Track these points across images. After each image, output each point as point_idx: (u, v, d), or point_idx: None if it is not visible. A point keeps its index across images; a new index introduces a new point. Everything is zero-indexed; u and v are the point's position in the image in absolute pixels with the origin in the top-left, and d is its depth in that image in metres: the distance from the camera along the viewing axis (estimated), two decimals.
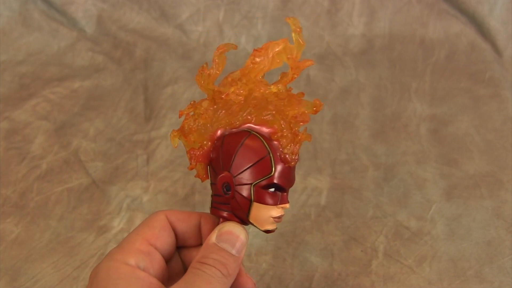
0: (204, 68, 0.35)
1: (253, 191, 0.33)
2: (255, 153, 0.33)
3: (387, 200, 0.59)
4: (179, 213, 0.36)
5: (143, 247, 0.34)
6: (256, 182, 0.33)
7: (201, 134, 0.35)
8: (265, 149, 0.33)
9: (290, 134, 0.34)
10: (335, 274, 0.51)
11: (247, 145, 0.34)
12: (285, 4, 0.89)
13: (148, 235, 0.34)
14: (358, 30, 0.88)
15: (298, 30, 0.35)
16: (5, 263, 0.52)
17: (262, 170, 0.33)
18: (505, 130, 0.68)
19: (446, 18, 0.87)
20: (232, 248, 0.33)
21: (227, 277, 0.32)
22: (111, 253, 0.33)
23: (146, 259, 0.33)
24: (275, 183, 0.33)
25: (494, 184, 0.60)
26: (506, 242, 0.53)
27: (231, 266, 0.32)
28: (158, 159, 0.65)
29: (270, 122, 0.34)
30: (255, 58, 0.34)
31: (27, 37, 0.88)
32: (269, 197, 0.33)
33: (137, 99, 0.76)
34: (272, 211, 0.33)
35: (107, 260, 0.33)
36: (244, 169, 0.33)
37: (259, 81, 0.35)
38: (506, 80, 0.78)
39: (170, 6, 0.89)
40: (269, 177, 0.33)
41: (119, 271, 0.32)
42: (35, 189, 0.61)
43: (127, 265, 0.32)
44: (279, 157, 0.33)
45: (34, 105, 0.74)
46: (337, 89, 0.77)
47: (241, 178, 0.33)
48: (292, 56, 0.35)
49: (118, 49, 0.86)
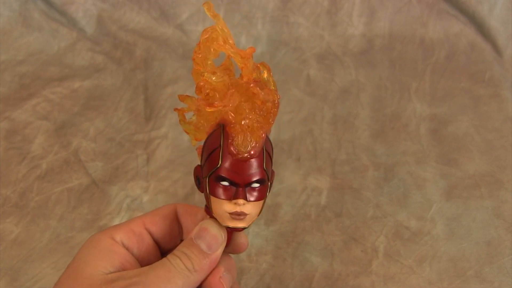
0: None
1: (208, 183, 0.33)
2: (211, 145, 0.33)
3: (387, 200, 0.59)
4: (188, 207, 0.37)
5: (136, 228, 0.35)
6: (209, 174, 0.32)
7: (201, 131, 0.35)
8: (218, 141, 0.32)
9: (239, 126, 0.32)
10: (335, 274, 0.51)
11: (210, 138, 0.33)
12: (285, 4, 0.89)
13: (146, 219, 0.36)
14: (358, 30, 0.88)
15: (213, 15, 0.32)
16: (5, 263, 0.52)
17: (213, 162, 0.32)
18: (505, 130, 0.68)
19: (446, 18, 0.87)
20: (205, 246, 0.33)
21: (191, 272, 0.32)
22: (107, 228, 0.35)
23: (134, 238, 0.35)
24: (221, 175, 0.32)
25: (494, 184, 0.60)
26: (506, 242, 0.53)
27: (198, 262, 0.32)
28: (158, 159, 0.65)
29: (232, 111, 0.32)
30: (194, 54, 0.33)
31: (27, 37, 0.88)
32: (221, 190, 0.32)
33: (137, 99, 0.76)
34: (225, 206, 0.32)
35: (98, 233, 0.35)
36: (204, 161, 0.33)
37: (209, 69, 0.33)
38: (506, 80, 0.78)
39: (170, 6, 0.89)
40: (216, 169, 0.32)
41: (100, 243, 0.33)
42: (35, 189, 0.61)
43: (110, 239, 0.34)
44: (227, 149, 0.32)
45: (34, 105, 0.74)
46: (337, 89, 0.77)
47: (204, 170, 0.33)
48: (219, 43, 0.32)
49: (118, 49, 0.86)
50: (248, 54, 0.32)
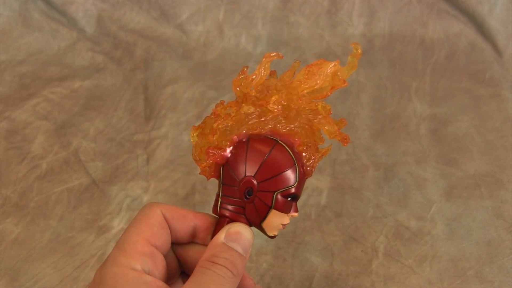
0: (244, 71, 0.36)
1: (275, 198, 0.34)
2: (282, 163, 0.35)
3: (387, 200, 0.59)
4: (174, 211, 0.36)
5: (145, 249, 0.33)
6: (279, 190, 0.34)
7: (225, 135, 0.35)
8: (291, 160, 0.35)
9: (313, 147, 0.36)
10: (335, 274, 0.51)
11: (275, 154, 0.35)
12: (285, 4, 0.89)
13: (148, 235, 0.34)
14: (358, 30, 0.88)
15: (358, 55, 0.36)
16: (5, 263, 0.52)
17: (287, 180, 0.34)
18: (505, 130, 0.68)
19: (446, 18, 0.87)
20: (241, 248, 0.33)
21: (236, 277, 0.32)
22: (114, 256, 0.32)
23: (150, 261, 0.33)
24: (295, 193, 0.34)
25: (494, 184, 0.60)
26: (506, 242, 0.53)
27: (240, 266, 0.33)
28: (158, 159, 0.65)
29: (297, 133, 0.36)
30: (308, 74, 0.36)
31: (27, 37, 0.88)
32: (286, 205, 0.35)
33: (137, 99, 0.76)
34: (284, 219, 0.35)
35: (112, 265, 0.32)
36: (270, 176, 0.34)
37: (301, 95, 0.36)
38: (506, 80, 0.78)
39: (170, 6, 0.89)
40: (293, 187, 0.34)
41: (127, 278, 0.31)
42: (35, 189, 0.61)
43: (134, 270, 0.32)
44: (301, 168, 0.35)
45: (34, 105, 0.74)
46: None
47: (266, 185, 0.34)
48: (341, 77, 0.37)
49: (118, 49, 0.86)
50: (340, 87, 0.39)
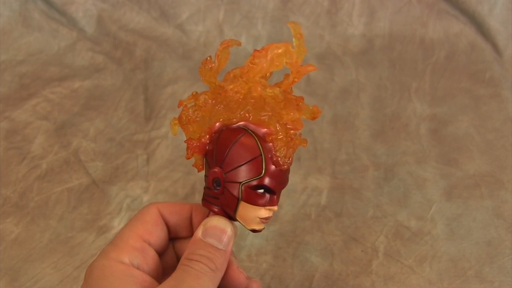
0: (208, 61, 0.35)
1: (242, 190, 0.33)
2: (248, 152, 0.33)
3: (387, 200, 0.59)
4: (171, 206, 0.36)
5: (137, 244, 0.34)
6: (245, 181, 0.33)
7: (200, 125, 0.35)
8: (258, 149, 0.33)
9: (285, 138, 0.34)
10: (335, 274, 0.51)
11: (241, 143, 0.33)
12: (285, 4, 0.89)
13: (141, 231, 0.34)
14: (358, 30, 0.88)
15: (299, 35, 0.35)
16: (5, 263, 0.52)
17: (253, 170, 0.33)
18: (505, 130, 0.68)
19: (446, 18, 0.87)
20: (218, 242, 0.33)
21: (215, 272, 0.32)
22: (106, 250, 0.33)
23: (140, 256, 0.33)
24: (265, 184, 0.33)
25: (494, 184, 0.60)
26: (506, 242, 0.53)
27: (218, 260, 0.32)
28: (158, 159, 0.65)
29: (266, 123, 0.34)
30: (254, 59, 0.34)
31: (27, 37, 0.88)
32: (257, 197, 0.33)
33: (137, 99, 0.76)
34: (260, 212, 0.33)
35: (101, 258, 0.33)
36: (235, 167, 0.33)
37: (257, 82, 0.35)
38: (506, 80, 0.78)
39: (170, 6, 0.89)
40: (259, 178, 0.33)
41: (113, 270, 0.32)
42: (35, 189, 0.61)
43: (122, 264, 0.32)
44: (271, 159, 0.33)
45: (34, 105, 0.74)
46: (337, 89, 0.77)
47: (232, 176, 0.33)
48: (292, 60, 0.35)
49: (118, 49, 0.86)
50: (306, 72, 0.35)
